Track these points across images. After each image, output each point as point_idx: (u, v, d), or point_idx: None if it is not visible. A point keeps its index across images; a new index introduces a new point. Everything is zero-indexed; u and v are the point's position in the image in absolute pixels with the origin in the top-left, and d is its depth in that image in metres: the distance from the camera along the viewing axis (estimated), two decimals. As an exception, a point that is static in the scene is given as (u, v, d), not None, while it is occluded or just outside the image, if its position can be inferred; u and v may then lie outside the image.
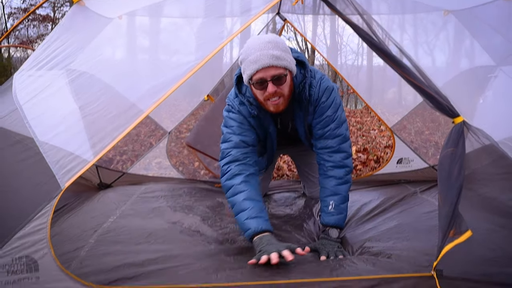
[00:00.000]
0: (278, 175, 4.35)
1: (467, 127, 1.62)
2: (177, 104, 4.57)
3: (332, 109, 2.22)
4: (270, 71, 1.97)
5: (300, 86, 2.16)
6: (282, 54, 1.97)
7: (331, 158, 2.23)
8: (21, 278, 1.42)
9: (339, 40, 5.68)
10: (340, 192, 2.19)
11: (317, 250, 2.04)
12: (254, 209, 1.99)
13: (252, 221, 1.95)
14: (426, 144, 3.92)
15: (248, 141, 2.24)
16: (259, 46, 1.95)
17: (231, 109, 2.29)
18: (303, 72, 2.16)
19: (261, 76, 1.98)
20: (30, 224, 1.41)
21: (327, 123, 2.23)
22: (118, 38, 2.14)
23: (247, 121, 2.26)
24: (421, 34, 2.86)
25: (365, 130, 7.45)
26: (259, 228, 1.92)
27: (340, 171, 2.22)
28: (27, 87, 1.91)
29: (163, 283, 1.57)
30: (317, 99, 2.21)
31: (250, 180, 2.12)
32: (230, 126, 2.27)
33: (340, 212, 2.17)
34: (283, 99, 2.08)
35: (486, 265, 1.59)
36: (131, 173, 3.62)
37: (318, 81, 2.22)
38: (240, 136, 2.23)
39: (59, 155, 1.55)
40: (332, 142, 2.24)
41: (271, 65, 1.95)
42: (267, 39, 1.98)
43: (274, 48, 1.96)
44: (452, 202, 1.53)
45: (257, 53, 1.95)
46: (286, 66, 2.00)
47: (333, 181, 2.21)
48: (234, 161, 2.17)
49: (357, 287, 1.55)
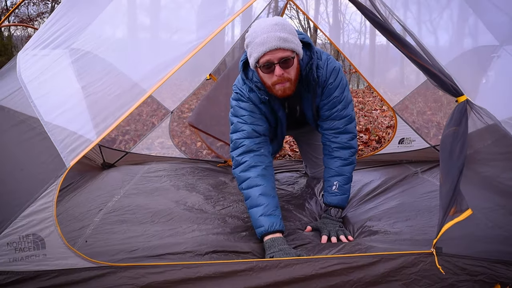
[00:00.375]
0: (280, 155, 4.37)
1: (470, 106, 1.62)
2: (178, 84, 4.55)
3: (339, 90, 2.21)
4: (277, 53, 1.93)
5: (307, 68, 2.12)
6: (289, 37, 1.94)
7: (337, 139, 2.24)
8: (28, 256, 1.45)
9: (342, 19, 5.64)
10: (344, 173, 2.21)
11: (319, 229, 2.07)
12: (269, 206, 1.97)
13: (266, 219, 1.93)
14: (428, 125, 3.91)
15: (260, 130, 2.21)
16: (266, 29, 1.92)
17: (241, 97, 2.24)
18: (309, 53, 2.13)
19: (268, 58, 1.93)
20: (37, 202, 1.43)
21: (334, 104, 2.23)
22: (119, 17, 2.13)
23: (258, 108, 2.22)
24: (425, 13, 2.84)
25: (367, 110, 7.44)
26: (273, 227, 1.90)
27: (345, 152, 2.23)
28: (32, 66, 1.91)
29: (166, 261, 1.60)
30: (325, 80, 2.20)
31: (266, 173, 2.10)
32: (241, 116, 2.22)
33: (343, 193, 2.20)
34: (290, 83, 2.04)
35: (485, 243, 1.61)
36: (134, 152, 3.64)
37: (324, 62, 2.20)
38: (252, 126, 2.19)
39: (63, 134, 1.56)
40: (338, 123, 2.24)
41: (279, 47, 1.91)
42: (274, 21, 1.94)
43: (281, 30, 1.92)
44: (453, 181, 1.55)
45: (264, 36, 1.91)
46: (293, 49, 1.96)
47: (338, 162, 2.22)
48: (248, 152, 2.14)
49: (358, 264, 1.57)
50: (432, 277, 1.54)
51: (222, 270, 1.55)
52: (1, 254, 1.42)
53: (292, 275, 1.55)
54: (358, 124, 5.89)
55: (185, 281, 1.53)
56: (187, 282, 1.53)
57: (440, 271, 1.53)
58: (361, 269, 1.57)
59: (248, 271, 1.56)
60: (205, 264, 1.57)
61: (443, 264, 1.54)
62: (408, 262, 1.57)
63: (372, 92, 10.13)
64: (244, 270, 1.56)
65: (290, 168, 3.35)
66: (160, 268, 1.55)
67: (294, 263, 1.58)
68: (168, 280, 1.52)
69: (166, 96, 4.14)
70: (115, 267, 1.54)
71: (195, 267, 1.56)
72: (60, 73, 1.79)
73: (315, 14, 4.41)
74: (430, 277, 1.54)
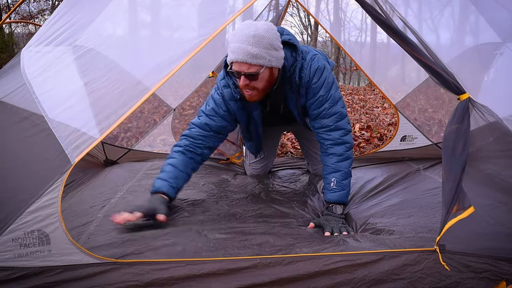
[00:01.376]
0: (282, 152, 4.37)
1: (472, 104, 1.63)
2: (180, 81, 4.55)
3: (324, 89, 2.24)
4: (243, 66, 2.01)
5: (291, 69, 2.18)
6: (260, 52, 1.98)
7: (330, 136, 2.26)
8: (33, 251, 1.46)
9: (343, 16, 5.63)
10: (341, 168, 2.22)
11: (321, 226, 2.07)
12: (169, 173, 2.19)
13: (158, 181, 2.16)
14: (430, 122, 3.91)
15: (213, 126, 2.36)
16: (241, 38, 1.97)
17: (217, 90, 2.38)
18: (294, 55, 2.18)
19: (236, 68, 2.04)
20: (42, 198, 1.44)
21: (321, 103, 2.26)
22: (121, 14, 2.13)
23: (226, 105, 2.33)
24: (426, 10, 2.83)
25: (368, 108, 7.44)
26: (159, 190, 2.12)
27: (339, 148, 2.24)
28: (35, 63, 1.91)
29: (171, 257, 1.61)
30: (308, 81, 2.24)
31: (187, 154, 2.29)
32: (207, 104, 2.40)
33: (342, 188, 2.20)
34: (257, 92, 2.14)
35: (488, 240, 1.62)
36: (136, 149, 3.65)
37: (308, 63, 2.23)
38: (207, 119, 2.36)
39: (67, 130, 1.56)
40: (328, 121, 2.27)
41: (245, 62, 1.98)
42: (252, 31, 1.97)
43: (254, 44, 1.96)
44: (456, 178, 1.55)
45: (236, 45, 1.98)
46: (262, 64, 2.01)
47: (334, 158, 2.24)
48: (189, 137, 2.34)
49: (360, 261, 1.58)
50: (437, 275, 1.55)
51: (226, 267, 1.56)
52: (6, 249, 1.43)
53: (296, 272, 1.56)
54: (360, 122, 5.89)
55: (190, 278, 1.53)
56: (192, 278, 1.53)
57: (445, 269, 1.53)
58: (365, 266, 1.58)
59: (252, 268, 1.57)
60: (209, 260, 1.58)
61: (446, 262, 1.55)
62: (412, 260, 1.58)
63: (373, 89, 10.14)
64: (248, 267, 1.57)
65: (292, 165, 3.36)
66: (164, 264, 1.55)
67: (297, 260, 1.59)
68: (172, 276, 1.52)
69: (168, 93, 4.14)
70: (120, 263, 1.54)
71: (200, 263, 1.56)
72: (63, 69, 1.80)
73: (316, 11, 4.40)
74: (434, 275, 1.55)
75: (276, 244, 1.74)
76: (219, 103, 2.34)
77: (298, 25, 23.97)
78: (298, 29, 24.18)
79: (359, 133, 5.11)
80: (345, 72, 18.95)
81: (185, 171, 2.26)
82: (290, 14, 21.57)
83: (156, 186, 2.14)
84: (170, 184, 2.15)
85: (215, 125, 2.36)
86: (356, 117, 6.39)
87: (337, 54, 16.78)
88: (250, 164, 3.06)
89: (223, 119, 2.37)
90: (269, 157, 3.07)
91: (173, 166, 2.22)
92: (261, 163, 3.03)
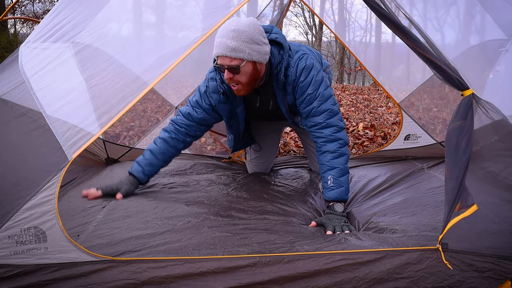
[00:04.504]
0: (284, 151, 4.35)
1: (476, 100, 1.60)
2: (183, 81, 4.55)
3: (312, 87, 2.25)
4: (225, 60, 2.08)
5: (278, 67, 2.22)
6: (240, 46, 2.04)
7: (322, 133, 2.27)
8: (29, 249, 1.44)
9: (347, 16, 5.60)
10: (336, 165, 2.20)
11: (323, 224, 2.04)
12: (146, 160, 2.42)
13: (136, 165, 2.42)
14: (434, 121, 3.89)
15: (195, 117, 2.48)
16: (222, 33, 2.05)
17: (204, 81, 2.47)
18: (281, 53, 2.22)
19: (219, 62, 2.11)
20: (38, 195, 1.42)
21: (309, 101, 2.27)
22: (121, 10, 2.12)
23: (208, 98, 2.43)
24: (431, 10, 2.81)
25: (372, 107, 7.41)
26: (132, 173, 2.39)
27: (332, 144, 2.23)
28: (34, 59, 1.90)
29: (169, 255, 1.59)
30: (294, 79, 2.26)
31: (169, 142, 2.46)
32: (194, 95, 2.51)
33: (340, 185, 2.17)
34: (242, 86, 2.19)
35: (491, 238, 1.59)
36: (138, 148, 3.63)
37: (295, 61, 2.26)
38: (191, 109, 2.48)
39: (65, 127, 1.55)
40: (319, 118, 2.27)
41: (225, 55, 2.05)
42: (233, 26, 2.03)
43: (234, 38, 2.03)
44: (459, 176, 1.52)
45: (218, 39, 2.06)
46: (242, 58, 2.06)
47: (328, 156, 2.23)
48: (174, 123, 2.50)
49: (362, 260, 1.55)
50: (439, 274, 1.52)
51: (225, 265, 1.54)
52: (2, 247, 1.41)
53: (296, 270, 1.53)
54: (364, 121, 5.86)
55: (187, 276, 1.51)
56: (189, 277, 1.51)
57: (448, 267, 1.50)
58: (366, 265, 1.55)
59: (251, 267, 1.54)
60: (207, 259, 1.56)
61: (449, 260, 1.52)
62: (414, 258, 1.55)
63: (377, 89, 10.10)
64: (247, 265, 1.54)
65: (295, 163, 3.33)
66: (162, 262, 1.53)
67: (297, 258, 1.56)
68: (170, 274, 1.50)
69: (171, 92, 4.14)
70: (117, 261, 1.52)
71: (198, 261, 1.54)
72: (62, 65, 1.78)
73: (321, 11, 4.39)
74: (437, 274, 1.52)
75: (276, 242, 1.72)
76: (203, 96, 2.45)
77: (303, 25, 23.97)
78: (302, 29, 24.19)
79: (362, 132, 5.08)
80: (349, 72, 18.91)
81: (162, 159, 2.46)
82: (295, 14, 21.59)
83: (133, 169, 2.40)
84: (143, 171, 2.40)
85: (196, 117, 2.47)
86: (359, 116, 6.37)
87: (341, 54, 16.73)
88: (251, 161, 3.05)
89: (205, 112, 2.47)
90: (269, 155, 3.05)
91: (151, 153, 2.44)
92: (261, 159, 3.02)
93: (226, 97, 2.38)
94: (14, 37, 12.98)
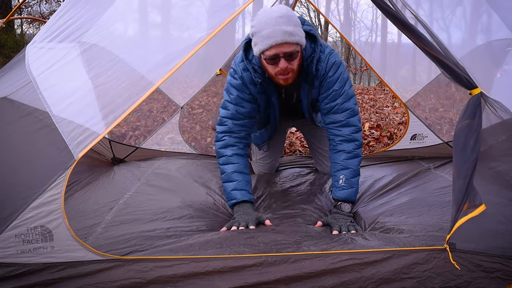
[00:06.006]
0: (290, 150, 4.34)
1: (484, 99, 1.58)
2: (189, 81, 4.56)
3: (339, 83, 2.24)
4: (283, 47, 1.98)
5: (308, 60, 2.17)
6: (294, 30, 1.97)
7: (340, 132, 2.25)
8: (36, 248, 1.44)
9: (353, 16, 5.60)
10: (350, 166, 2.20)
11: (329, 224, 2.04)
12: (241, 182, 2.20)
13: (238, 192, 2.16)
14: (441, 121, 3.87)
15: (244, 112, 2.31)
16: (272, 21, 1.95)
17: (234, 74, 2.32)
18: (313, 46, 2.17)
19: (275, 52, 1.99)
20: (45, 194, 1.42)
21: (334, 97, 2.25)
22: (129, 12, 2.12)
23: (247, 88, 2.28)
24: (437, 10, 2.80)
25: (378, 107, 7.38)
26: (244, 198, 2.14)
27: (349, 145, 2.23)
28: (40, 58, 1.90)
29: (175, 253, 1.59)
30: (324, 74, 2.23)
31: (241, 153, 2.28)
32: (230, 94, 2.32)
33: (351, 186, 2.18)
34: (293, 74, 2.12)
35: (499, 239, 1.57)
36: (144, 148, 3.64)
37: (326, 56, 2.23)
38: (237, 107, 2.30)
39: (71, 126, 1.55)
40: (340, 116, 2.25)
41: (285, 41, 1.96)
42: (279, 13, 1.96)
43: (286, 23, 1.95)
44: (466, 175, 1.51)
45: (270, 29, 1.94)
46: (298, 42, 2.00)
47: (343, 155, 2.22)
48: (229, 132, 2.30)
49: (369, 260, 1.54)
50: (447, 274, 1.50)
51: (231, 265, 1.53)
52: (9, 246, 1.42)
53: (303, 270, 1.53)
54: (370, 121, 5.83)
55: (194, 275, 1.51)
56: (196, 276, 1.51)
57: (455, 268, 1.49)
58: (373, 265, 1.53)
59: (258, 266, 1.54)
60: (214, 258, 1.55)
61: (457, 261, 1.51)
62: (421, 259, 1.53)
63: (383, 89, 10.06)
64: (253, 265, 1.54)
65: (300, 163, 3.32)
66: (168, 261, 1.53)
67: (303, 258, 1.55)
68: (176, 274, 1.50)
69: (176, 93, 4.15)
70: (123, 260, 1.53)
71: (204, 261, 1.54)
72: (68, 64, 1.78)
73: (326, 11, 4.40)
74: (444, 274, 1.50)
75: (283, 242, 1.71)
76: (241, 88, 2.29)
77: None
78: (308, 29, 24.06)
79: (368, 132, 5.06)
80: (355, 72, 18.85)
81: (248, 172, 2.30)
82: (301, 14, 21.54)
83: (239, 198, 2.15)
84: (248, 192, 2.21)
85: (245, 111, 2.32)
86: (365, 116, 6.34)
87: (347, 54, 16.70)
88: (257, 161, 3.05)
89: (249, 103, 2.32)
90: (276, 154, 3.05)
91: (239, 173, 2.23)
92: (268, 159, 3.01)
93: (262, 87, 2.29)
94: (20, 38, 13.03)
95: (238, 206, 2.12)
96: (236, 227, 1.96)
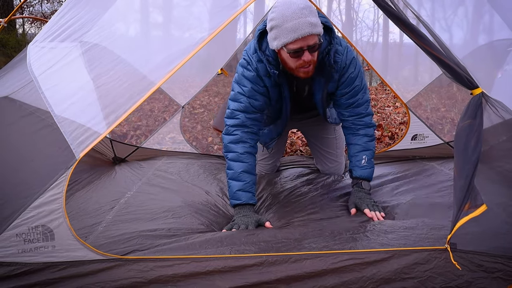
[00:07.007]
0: (291, 150, 4.34)
1: (485, 99, 1.58)
2: (190, 81, 4.56)
3: (359, 79, 2.29)
4: (308, 40, 1.94)
5: (324, 52, 2.14)
6: (317, 21, 1.96)
7: (362, 121, 2.36)
8: (37, 247, 1.45)
9: (355, 16, 5.59)
10: (371, 147, 2.36)
11: (357, 206, 2.15)
12: (248, 184, 2.15)
13: (243, 194, 2.12)
14: (442, 121, 3.87)
15: (257, 106, 2.25)
16: (296, 14, 1.90)
17: (247, 65, 2.24)
18: (328, 38, 2.14)
19: (300, 45, 1.95)
20: (46, 193, 1.43)
21: (356, 92, 2.31)
22: (130, 12, 2.12)
23: (262, 80, 2.22)
24: (439, 10, 2.79)
25: (379, 107, 7.37)
26: (248, 201, 2.11)
27: (369, 129, 2.37)
28: (41, 58, 1.91)
29: (176, 252, 1.59)
30: (344, 67, 2.23)
31: (252, 151, 2.23)
32: (242, 86, 2.24)
33: (371, 166, 2.35)
34: (313, 66, 2.08)
35: (501, 239, 1.57)
36: (145, 147, 3.65)
37: (344, 49, 2.23)
38: (250, 100, 2.23)
39: (72, 126, 1.55)
40: (361, 109, 2.35)
41: (310, 33, 1.92)
42: (301, 4, 1.92)
43: (310, 15, 1.92)
44: (468, 175, 1.50)
45: (295, 21, 1.90)
46: (320, 33, 1.98)
47: (365, 138, 2.36)
48: (241, 126, 2.22)
49: (370, 259, 1.54)
50: (448, 274, 1.50)
51: (232, 264, 1.53)
52: (10, 245, 1.42)
53: (303, 270, 1.53)
54: (371, 121, 5.82)
55: (194, 275, 1.51)
56: (196, 276, 1.51)
57: (456, 268, 1.49)
58: (373, 265, 1.53)
59: (258, 266, 1.54)
60: (214, 258, 1.56)
61: (458, 261, 1.50)
62: (422, 259, 1.53)
63: (385, 89, 10.05)
64: (254, 264, 1.54)
65: (301, 163, 3.32)
66: (169, 261, 1.53)
67: (304, 257, 1.55)
68: (177, 273, 1.50)
69: (178, 92, 4.15)
70: (124, 260, 1.53)
71: (205, 260, 1.54)
72: (69, 64, 1.79)
73: (328, 11, 4.38)
74: (445, 274, 1.50)
75: (283, 240, 1.72)
76: (255, 80, 2.22)
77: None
78: (309, 29, 23.98)
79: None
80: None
81: (255, 172, 2.25)
82: (302, 14, 21.46)
83: (243, 200, 2.11)
84: (253, 194, 2.18)
85: (258, 104, 2.25)
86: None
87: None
88: (258, 162, 3.03)
89: (263, 96, 2.27)
90: (277, 155, 3.05)
91: (248, 173, 2.18)
92: (270, 160, 3.01)
93: (275, 80, 2.22)
94: (22, 37, 13.03)
95: (239, 207, 2.10)
96: (236, 229, 1.95)
